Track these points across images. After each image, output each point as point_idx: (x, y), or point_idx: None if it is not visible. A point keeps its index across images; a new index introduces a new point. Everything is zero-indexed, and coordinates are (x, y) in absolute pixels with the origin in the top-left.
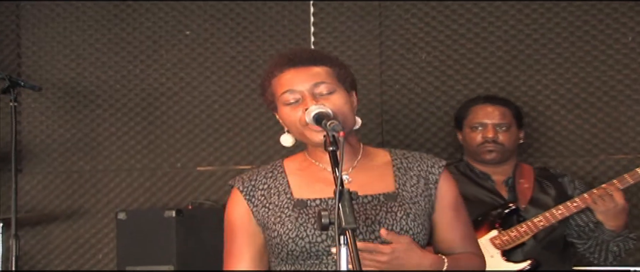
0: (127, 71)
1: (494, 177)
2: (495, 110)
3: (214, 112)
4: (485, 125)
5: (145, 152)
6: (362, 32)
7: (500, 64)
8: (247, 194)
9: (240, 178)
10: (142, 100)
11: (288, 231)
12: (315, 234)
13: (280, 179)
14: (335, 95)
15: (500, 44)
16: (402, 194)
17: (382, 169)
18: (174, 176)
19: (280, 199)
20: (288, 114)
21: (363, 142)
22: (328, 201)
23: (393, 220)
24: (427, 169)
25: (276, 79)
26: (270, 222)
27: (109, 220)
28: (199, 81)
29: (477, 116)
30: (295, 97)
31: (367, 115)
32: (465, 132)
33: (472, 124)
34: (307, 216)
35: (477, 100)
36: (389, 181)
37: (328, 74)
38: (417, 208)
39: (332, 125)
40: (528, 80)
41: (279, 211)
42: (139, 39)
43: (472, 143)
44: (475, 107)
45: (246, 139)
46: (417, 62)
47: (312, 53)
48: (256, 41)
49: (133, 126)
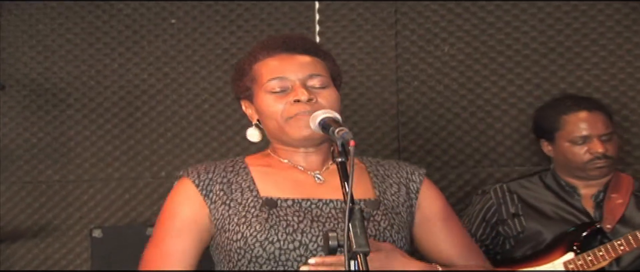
0: (102, 66)
1: (581, 190)
2: (596, 119)
3: (203, 112)
4: (590, 138)
5: (124, 159)
6: (375, 20)
7: (535, 57)
8: (203, 188)
9: (194, 169)
10: (121, 99)
11: (255, 233)
12: (287, 240)
13: (243, 174)
14: (329, 90)
15: (535, 34)
16: (384, 203)
17: (358, 174)
18: (157, 187)
19: (244, 196)
20: (269, 104)
21: (376, 148)
22: (302, 202)
23: (376, 230)
24: (407, 176)
25: (261, 63)
26: (233, 222)
27: (82, 238)
28: (187, 77)
29: (577, 128)
30: (283, 85)
31: (380, 117)
32: (561, 146)
33: (572, 138)
34: (278, 218)
35: (567, 105)
36: (367, 187)
37: (322, 67)
38: (400, 219)
39: (342, 133)
40: (568, 76)
41: (243, 210)
42: (116, 29)
43: (576, 159)
44: (570, 116)
45: (241, 144)
46: (439, 55)
47: (307, 41)
48: (252, 31)
49: (110, 129)
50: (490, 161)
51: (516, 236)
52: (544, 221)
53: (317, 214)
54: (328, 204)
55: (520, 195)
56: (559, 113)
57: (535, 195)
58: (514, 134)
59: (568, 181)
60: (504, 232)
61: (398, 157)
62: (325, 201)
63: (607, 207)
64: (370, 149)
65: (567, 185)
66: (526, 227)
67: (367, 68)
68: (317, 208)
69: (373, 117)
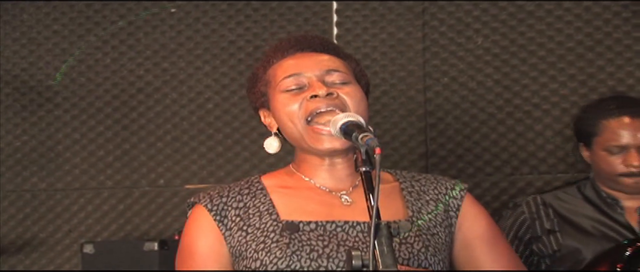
0: (94, 61)
1: (625, 203)
2: (638, 128)
3: (207, 113)
4: (627, 149)
5: (118, 165)
6: (400, 9)
7: (580, 51)
8: (217, 214)
9: (207, 194)
10: (114, 98)
11: (276, 260)
12: (311, 267)
13: (261, 197)
14: (352, 87)
15: (580, 24)
16: (418, 223)
17: (389, 192)
18: (155, 197)
19: (262, 221)
20: (285, 103)
21: (402, 152)
22: (326, 225)
23: (409, 253)
24: (446, 192)
25: (276, 66)
26: (250, 249)
27: (72, 254)
28: (188, 73)
29: (615, 136)
30: (299, 82)
31: (406, 117)
32: (596, 153)
33: (608, 146)
34: (301, 243)
35: (609, 108)
36: (399, 206)
37: (343, 64)
38: (437, 240)
39: (366, 140)
40: (617, 72)
41: (262, 236)
42: (109, 19)
43: (609, 170)
44: (610, 121)
45: (249, 148)
46: (471, 48)
47: (325, 40)
48: (262, 21)
49: (102, 132)
50: (529, 168)
51: (552, 255)
52: (583, 238)
53: (343, 238)
54: (355, 226)
55: (555, 208)
56: (598, 116)
57: (573, 208)
58: (557, 137)
59: (609, 193)
60: (539, 251)
61: (426, 162)
62: (351, 223)
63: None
64: (395, 154)
65: (608, 197)
66: (563, 244)
67: (391, 63)
68: (343, 231)
69: (398, 118)
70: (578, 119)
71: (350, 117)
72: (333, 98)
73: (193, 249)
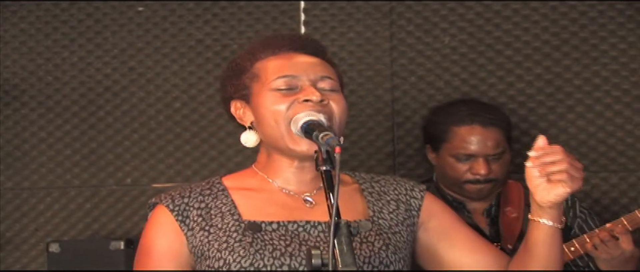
0: (60, 59)
1: (470, 205)
2: (488, 138)
3: (174, 112)
4: (475, 157)
5: (85, 164)
6: (368, 8)
7: (546, 50)
8: (179, 214)
9: (168, 195)
10: (81, 97)
11: (239, 259)
12: (274, 265)
13: (222, 198)
14: (340, 96)
15: (547, 23)
16: (378, 222)
17: (350, 193)
18: (122, 196)
19: (224, 221)
20: (273, 101)
21: (369, 152)
22: (288, 225)
23: (370, 252)
24: (407, 193)
25: (265, 61)
26: (213, 248)
27: (38, 253)
28: (156, 72)
29: (464, 144)
30: (292, 84)
31: (373, 117)
32: (444, 158)
33: (457, 153)
34: (264, 242)
35: (460, 115)
36: (359, 207)
37: (332, 71)
38: (398, 239)
39: (327, 139)
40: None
41: (224, 236)
42: (76, 17)
43: (455, 176)
44: (461, 128)
45: (216, 147)
46: (438, 47)
47: (316, 43)
48: (230, 20)
49: (69, 130)
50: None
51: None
52: None
53: (305, 238)
54: (317, 226)
55: None
56: (449, 122)
57: None
58: (524, 136)
59: (455, 197)
60: None
61: (393, 161)
62: (313, 223)
63: (503, 223)
64: (362, 153)
65: (454, 200)
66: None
67: (358, 62)
68: (304, 231)
69: (365, 117)
70: (428, 122)
71: (311, 116)
72: (324, 105)
73: (151, 248)
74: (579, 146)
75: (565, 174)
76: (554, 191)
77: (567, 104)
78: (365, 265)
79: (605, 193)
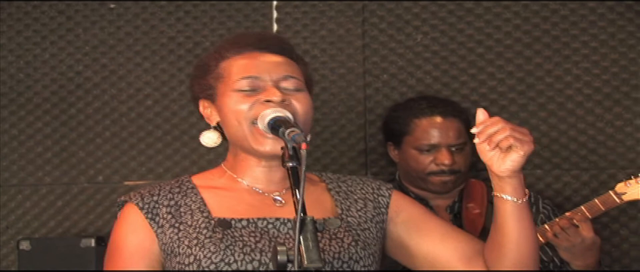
0: (32, 56)
1: (433, 202)
2: (449, 128)
3: (146, 109)
4: (438, 148)
5: (57, 161)
6: (340, 6)
7: (518, 48)
8: (148, 212)
9: (138, 193)
10: (52, 94)
11: (210, 255)
12: (245, 260)
13: (192, 196)
14: (303, 94)
15: (519, 21)
16: (347, 220)
17: (319, 192)
18: (94, 193)
19: (194, 218)
20: (235, 101)
21: (341, 149)
22: (257, 221)
23: (339, 248)
24: (374, 191)
25: (230, 61)
26: (183, 245)
27: (9, 251)
28: (127, 69)
29: (426, 135)
30: (255, 85)
31: (346, 114)
32: (407, 152)
33: (419, 144)
34: (234, 239)
35: (420, 108)
36: (328, 206)
37: (297, 69)
38: (367, 235)
39: (293, 135)
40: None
41: (194, 232)
42: (48, 15)
43: (419, 168)
44: (422, 120)
45: (188, 145)
46: (411, 45)
47: (282, 41)
48: (202, 17)
49: (40, 128)
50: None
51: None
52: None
53: (274, 235)
54: (286, 223)
55: None
56: (410, 115)
57: None
58: None
59: (417, 193)
60: None
61: (365, 159)
62: (282, 220)
63: (466, 219)
64: (334, 151)
65: (416, 197)
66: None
67: (331, 60)
68: (274, 228)
69: (337, 115)
70: (389, 118)
71: (278, 113)
72: (285, 105)
73: (121, 246)
74: (551, 143)
75: (512, 138)
76: (508, 157)
77: (539, 102)
78: (335, 261)
79: (576, 191)
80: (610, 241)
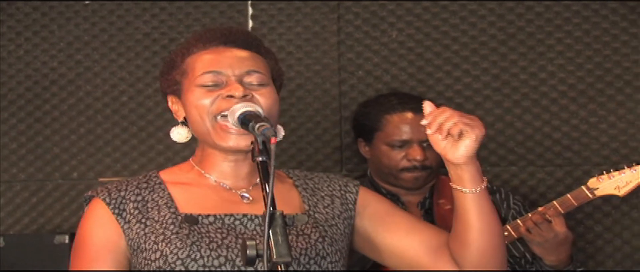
0: (6, 52)
1: (404, 198)
2: (420, 123)
3: (121, 106)
4: (409, 143)
5: (31, 158)
6: (315, 2)
7: (493, 45)
8: (115, 207)
9: (105, 188)
10: (27, 91)
11: (176, 251)
12: (211, 256)
13: (159, 191)
14: (267, 89)
15: (494, 18)
16: (314, 216)
17: (286, 189)
18: (68, 190)
19: (161, 214)
20: (199, 97)
21: (317, 146)
22: (224, 218)
23: (307, 244)
24: (341, 188)
25: (195, 57)
26: (150, 241)
27: None
28: (102, 66)
29: (398, 130)
30: (217, 80)
31: (320, 110)
32: (378, 148)
33: (391, 140)
34: (200, 235)
35: (391, 104)
36: (296, 202)
37: (263, 64)
38: (335, 231)
39: (263, 129)
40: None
41: (161, 228)
42: (22, 11)
43: (391, 164)
44: (393, 116)
45: (163, 141)
46: (386, 42)
47: (248, 35)
48: (177, 13)
49: (14, 124)
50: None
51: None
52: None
53: (241, 231)
54: (253, 219)
55: None
56: (381, 111)
57: None
58: None
59: (389, 189)
60: None
61: (340, 155)
62: (250, 216)
63: (437, 214)
64: (309, 147)
65: (388, 193)
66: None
67: (306, 56)
68: (241, 224)
69: (312, 111)
70: (359, 114)
71: (248, 107)
72: (248, 99)
73: (88, 241)
74: (525, 140)
75: (461, 124)
76: (461, 143)
77: (513, 99)
78: (302, 257)
79: (550, 187)
80: (584, 237)
